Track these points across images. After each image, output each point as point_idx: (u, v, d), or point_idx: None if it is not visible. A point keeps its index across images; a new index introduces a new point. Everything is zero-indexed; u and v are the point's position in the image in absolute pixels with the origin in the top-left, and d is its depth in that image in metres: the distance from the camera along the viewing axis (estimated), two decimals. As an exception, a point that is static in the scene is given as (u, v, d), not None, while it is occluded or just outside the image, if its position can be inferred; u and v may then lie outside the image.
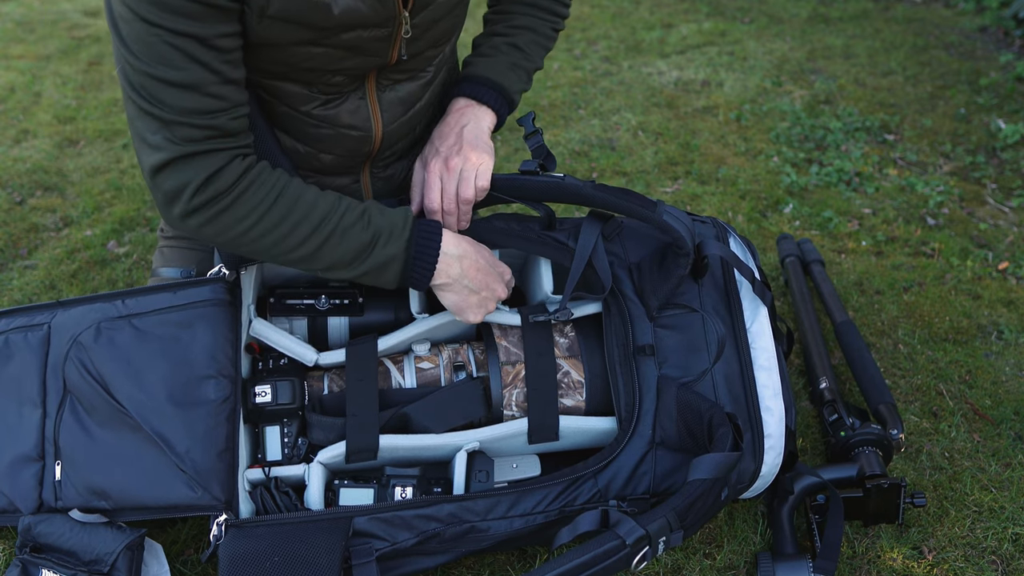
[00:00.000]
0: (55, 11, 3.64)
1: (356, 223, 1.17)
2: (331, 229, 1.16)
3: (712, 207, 2.20)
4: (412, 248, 1.20)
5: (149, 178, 1.11)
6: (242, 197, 1.12)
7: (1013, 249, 2.05)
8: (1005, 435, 1.54)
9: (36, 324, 1.31)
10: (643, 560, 1.06)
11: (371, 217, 1.18)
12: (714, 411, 1.19)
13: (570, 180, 1.29)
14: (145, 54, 1.03)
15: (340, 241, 1.16)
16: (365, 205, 1.20)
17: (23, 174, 2.36)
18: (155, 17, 1.01)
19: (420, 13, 1.18)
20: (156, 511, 1.23)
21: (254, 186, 1.13)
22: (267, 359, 1.31)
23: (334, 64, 1.18)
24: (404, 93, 1.31)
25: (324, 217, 1.16)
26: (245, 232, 1.14)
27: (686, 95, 2.85)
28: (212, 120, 1.08)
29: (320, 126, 1.27)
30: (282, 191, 1.15)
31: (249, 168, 1.13)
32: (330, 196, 1.18)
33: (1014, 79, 2.86)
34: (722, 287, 1.31)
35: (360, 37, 1.15)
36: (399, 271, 1.20)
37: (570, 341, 1.33)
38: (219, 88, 1.07)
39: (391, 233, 1.18)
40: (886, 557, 1.32)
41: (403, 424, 1.27)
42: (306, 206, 1.16)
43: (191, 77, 1.05)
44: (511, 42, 1.41)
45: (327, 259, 1.18)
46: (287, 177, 1.17)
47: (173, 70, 1.04)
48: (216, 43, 1.05)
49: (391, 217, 1.20)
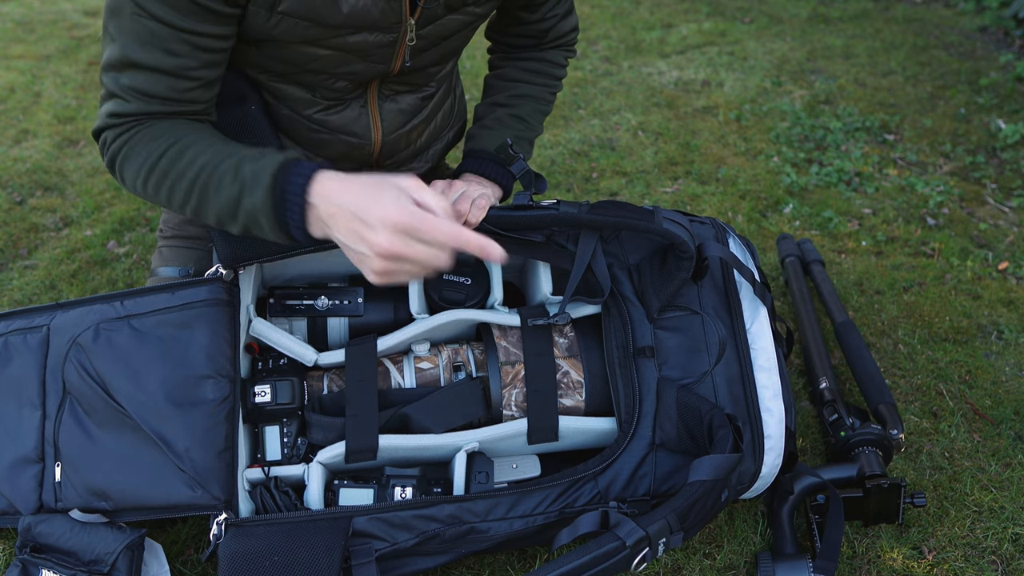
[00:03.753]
0: (55, 11, 3.64)
1: (227, 172, 1.07)
2: (205, 182, 1.08)
3: (712, 207, 2.20)
4: (279, 195, 1.02)
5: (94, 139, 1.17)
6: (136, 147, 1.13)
7: (1013, 249, 2.05)
8: (1005, 435, 1.54)
9: (35, 326, 1.31)
10: (643, 561, 1.06)
11: (242, 167, 1.06)
12: (714, 412, 1.19)
13: (565, 208, 1.29)
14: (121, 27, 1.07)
15: (216, 193, 1.07)
16: (244, 154, 1.08)
17: (23, 174, 2.36)
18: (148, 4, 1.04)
19: (427, 26, 1.19)
20: (156, 511, 1.23)
21: (148, 135, 1.12)
22: (267, 359, 1.31)
23: (338, 67, 1.19)
24: (405, 105, 1.32)
25: (203, 167, 1.08)
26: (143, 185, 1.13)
27: (686, 95, 2.85)
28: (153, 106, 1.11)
29: (320, 131, 1.28)
30: (175, 142, 1.11)
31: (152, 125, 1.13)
32: (215, 148, 1.10)
33: (1014, 79, 2.86)
34: (722, 288, 1.31)
35: (366, 40, 1.15)
36: (272, 222, 1.04)
37: (569, 341, 1.33)
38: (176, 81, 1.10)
39: (255, 181, 1.04)
40: (886, 557, 1.32)
41: (403, 424, 1.28)
42: (192, 156, 1.10)
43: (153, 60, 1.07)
44: (514, 113, 1.43)
45: (211, 212, 1.09)
46: (189, 129, 1.13)
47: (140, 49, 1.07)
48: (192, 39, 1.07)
49: (262, 164, 1.04)
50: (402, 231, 0.95)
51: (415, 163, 1.45)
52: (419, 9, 1.16)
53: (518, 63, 1.48)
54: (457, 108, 1.54)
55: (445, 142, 1.52)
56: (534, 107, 1.46)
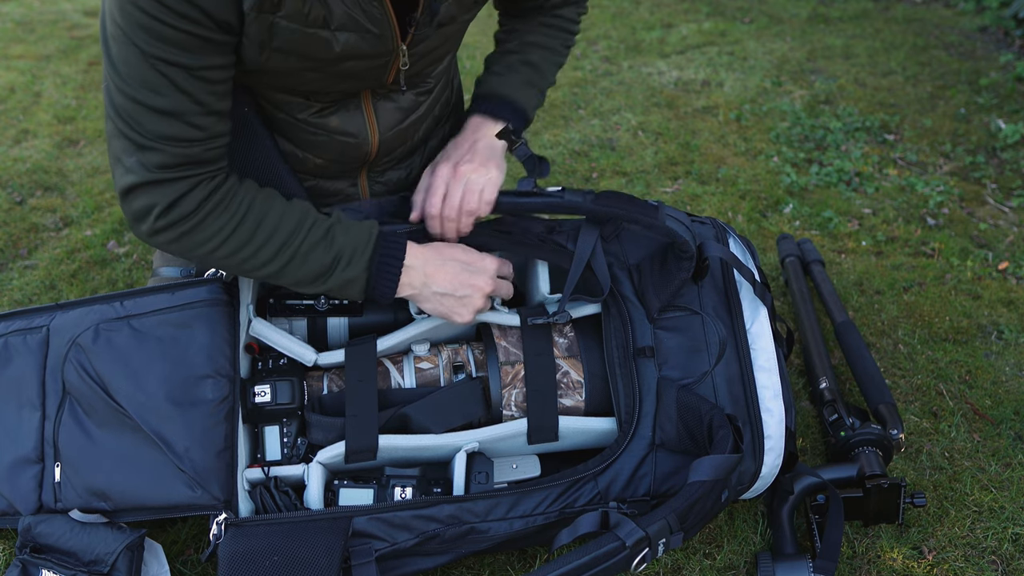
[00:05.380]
0: (55, 11, 3.64)
1: (319, 244, 1.18)
2: (294, 251, 1.17)
3: (712, 207, 2.20)
4: (373, 267, 1.20)
5: (120, 197, 1.13)
6: (205, 221, 1.13)
7: (1013, 249, 2.05)
8: (1005, 435, 1.54)
9: (35, 327, 1.31)
10: (643, 562, 1.06)
11: (334, 237, 1.19)
12: (714, 413, 1.19)
13: (569, 195, 1.28)
14: (132, 77, 1.04)
15: (303, 262, 1.18)
16: (330, 223, 1.20)
17: (23, 174, 2.36)
18: (146, 44, 1.01)
19: (418, 46, 1.19)
20: (156, 511, 1.23)
21: (218, 210, 1.13)
22: (266, 359, 1.31)
23: (330, 87, 1.20)
24: (402, 103, 1.32)
25: (287, 239, 1.17)
26: (211, 252, 1.15)
27: (686, 95, 2.85)
28: (187, 149, 1.09)
29: (316, 132, 1.27)
30: (246, 213, 1.15)
31: (215, 191, 1.13)
32: (295, 214, 1.18)
33: (1014, 79, 2.86)
34: (722, 288, 1.31)
35: (358, 66, 1.16)
36: (362, 288, 1.21)
37: (569, 341, 1.33)
38: (200, 119, 1.08)
39: (353, 254, 1.19)
40: (886, 557, 1.32)
41: (403, 424, 1.27)
42: (269, 228, 1.16)
43: (173, 105, 1.05)
44: (524, 59, 1.41)
45: (292, 277, 1.19)
46: (254, 194, 1.16)
47: (157, 96, 1.05)
48: (204, 74, 1.05)
49: (355, 236, 1.20)
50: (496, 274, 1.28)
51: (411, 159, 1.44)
52: (410, 35, 1.16)
53: (528, 21, 1.45)
54: (455, 98, 1.52)
55: (441, 136, 1.49)
56: (546, 56, 1.44)
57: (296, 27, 1.07)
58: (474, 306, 1.26)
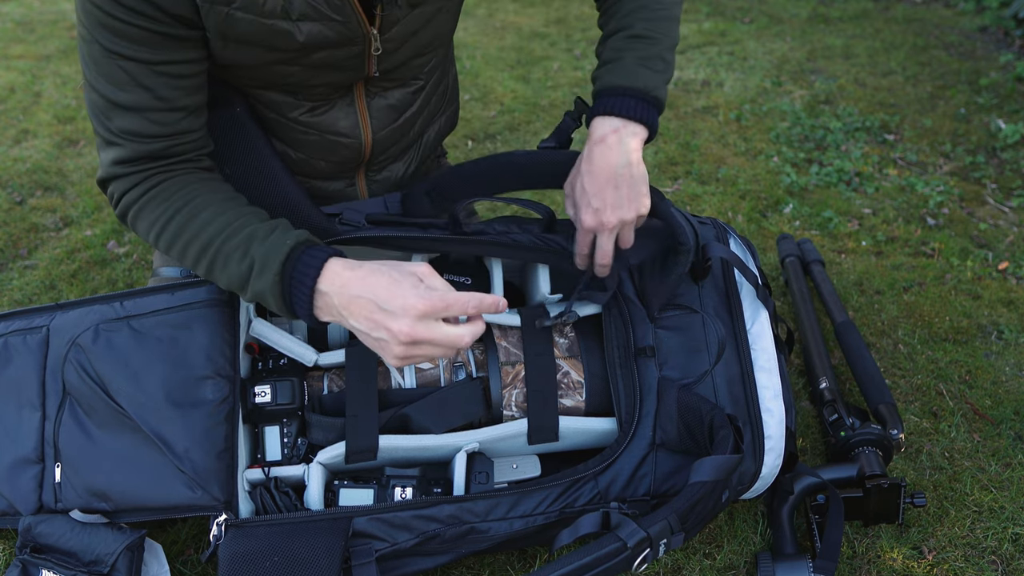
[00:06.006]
0: (55, 11, 3.64)
1: (236, 249, 1.09)
2: (214, 253, 1.11)
3: (712, 207, 2.20)
4: (286, 284, 1.06)
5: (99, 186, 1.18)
6: (144, 209, 1.14)
7: (1013, 249, 2.05)
8: (1005, 435, 1.54)
9: (35, 327, 1.31)
10: (644, 562, 1.06)
11: (251, 246, 1.09)
12: (715, 413, 1.19)
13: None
14: (98, 74, 1.07)
15: (224, 267, 1.11)
16: (253, 230, 1.10)
17: (23, 174, 2.36)
18: (107, 41, 1.04)
19: (391, 29, 1.17)
20: (156, 512, 1.23)
21: (157, 199, 1.14)
22: (267, 359, 1.31)
23: (313, 80, 1.19)
24: (394, 100, 1.30)
25: (211, 239, 1.11)
26: (155, 244, 1.16)
27: (686, 95, 2.84)
28: (149, 145, 1.10)
29: (308, 132, 1.27)
30: (183, 207, 1.13)
31: (164, 179, 1.14)
32: (224, 218, 1.11)
33: (1014, 79, 2.86)
34: (722, 288, 1.31)
35: (332, 55, 1.15)
36: (279, 304, 1.08)
37: (569, 341, 1.33)
38: (162, 115, 1.09)
39: (264, 265, 1.07)
40: (886, 557, 1.32)
41: (403, 424, 1.27)
42: (199, 225, 1.12)
43: (134, 100, 1.07)
44: (630, 34, 1.23)
45: (220, 280, 1.13)
46: (200, 190, 1.14)
47: (119, 91, 1.07)
48: (166, 69, 1.07)
49: (271, 247, 1.07)
50: (424, 316, 1.00)
51: (407, 156, 1.43)
52: (378, 18, 1.15)
53: None
54: (451, 90, 1.49)
55: (437, 128, 1.47)
56: (649, 16, 1.24)
57: (253, 18, 1.06)
58: (392, 352, 1.03)
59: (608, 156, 1.17)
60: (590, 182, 1.18)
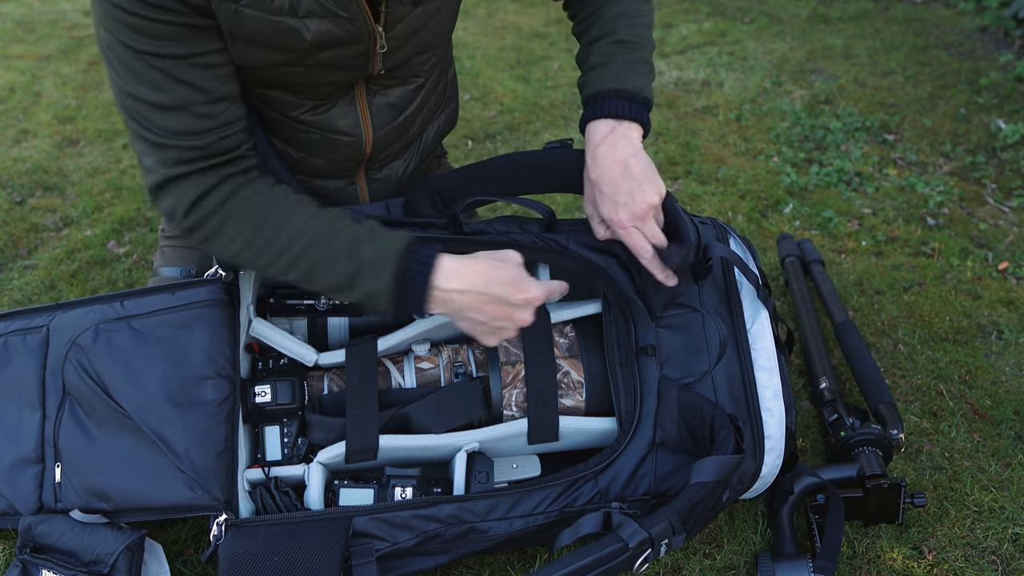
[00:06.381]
0: (55, 11, 3.64)
1: (339, 253, 1.11)
2: (314, 259, 1.12)
3: (712, 207, 2.20)
4: (399, 283, 1.10)
5: (150, 198, 1.14)
6: (228, 222, 1.12)
7: (1013, 249, 2.05)
8: (1005, 435, 1.54)
9: (35, 327, 1.31)
10: (645, 562, 1.06)
11: (358, 247, 1.11)
12: (716, 413, 1.19)
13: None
14: (131, 77, 1.05)
15: (326, 273, 1.12)
16: (355, 232, 1.12)
17: (23, 174, 2.36)
18: (133, 41, 1.02)
19: (395, 27, 1.17)
20: (156, 512, 1.23)
21: (240, 210, 1.12)
22: (267, 359, 1.31)
23: (317, 79, 1.19)
24: (394, 98, 1.31)
25: (308, 246, 1.12)
26: (238, 254, 1.14)
27: (686, 95, 2.85)
28: (200, 140, 1.08)
29: (310, 131, 1.27)
30: (270, 216, 1.13)
31: (238, 190, 1.12)
32: (321, 221, 1.13)
33: (1014, 79, 2.86)
34: (722, 288, 1.31)
35: (338, 55, 1.15)
36: (389, 303, 1.12)
37: (570, 341, 1.33)
38: (207, 107, 1.08)
39: (375, 267, 1.10)
40: (886, 557, 1.32)
41: (403, 424, 1.27)
42: (292, 233, 1.12)
43: (176, 98, 1.06)
44: (615, 40, 1.28)
45: (318, 285, 1.15)
46: (281, 199, 1.14)
47: (159, 92, 1.05)
48: (199, 61, 1.06)
49: (380, 248, 1.11)
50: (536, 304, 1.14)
51: (407, 154, 1.43)
52: (383, 15, 1.15)
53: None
54: (450, 89, 1.49)
55: (436, 125, 1.47)
56: (632, 23, 1.29)
57: (260, 15, 1.06)
58: (505, 336, 1.18)
59: (614, 152, 1.21)
60: (606, 182, 1.21)
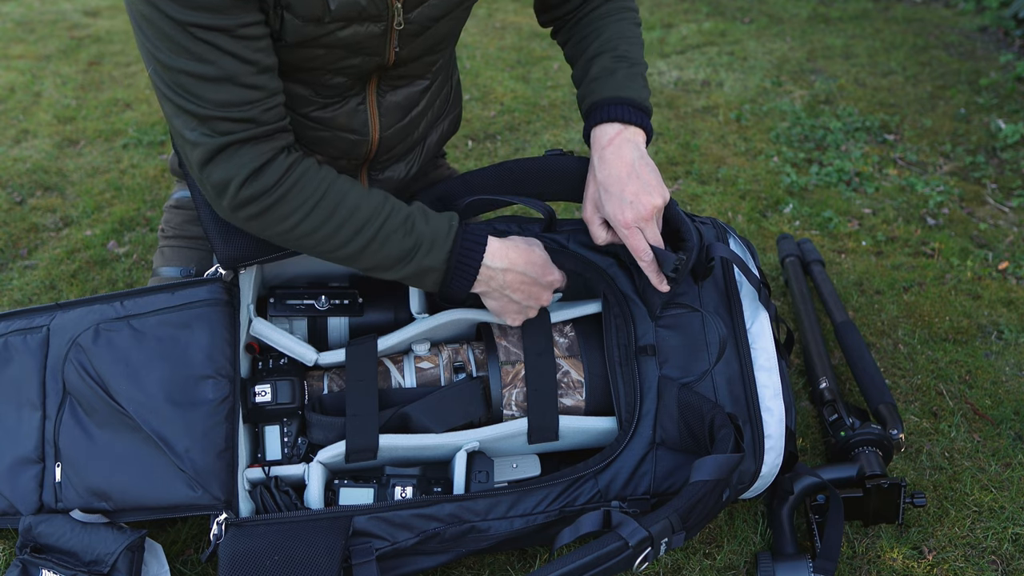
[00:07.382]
0: (55, 11, 3.64)
1: (398, 229, 1.17)
2: (373, 233, 1.17)
3: (712, 207, 2.20)
4: (453, 259, 1.20)
5: (197, 172, 1.12)
6: (288, 195, 1.13)
7: (1013, 249, 2.05)
8: (1005, 435, 1.54)
9: (35, 327, 1.31)
10: (645, 561, 1.06)
11: (414, 223, 1.18)
12: (715, 412, 1.19)
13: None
14: (176, 51, 1.04)
15: (382, 246, 1.17)
16: (410, 210, 1.19)
17: (23, 174, 2.36)
18: (180, 14, 1.02)
19: (415, 9, 1.18)
20: (156, 511, 1.23)
21: (299, 184, 1.14)
22: (267, 359, 1.31)
23: (335, 63, 1.19)
24: (402, 98, 1.31)
25: (367, 220, 1.16)
26: (291, 230, 1.15)
27: (686, 95, 2.85)
28: (249, 112, 1.09)
29: (318, 129, 1.27)
30: (327, 191, 1.15)
31: (294, 164, 1.14)
32: (376, 197, 1.18)
33: (1014, 79, 2.86)
34: (722, 288, 1.31)
35: (357, 33, 1.15)
36: (438, 280, 1.21)
37: (569, 341, 1.33)
38: (255, 78, 1.08)
39: (433, 243, 1.19)
40: (886, 557, 1.32)
41: (403, 424, 1.28)
42: (350, 207, 1.16)
43: (224, 70, 1.05)
44: (615, 55, 1.33)
45: (370, 261, 1.19)
46: (333, 175, 1.17)
47: (205, 64, 1.05)
48: (244, 32, 1.05)
49: (435, 225, 1.19)
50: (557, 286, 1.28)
51: (409, 157, 1.44)
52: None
53: (582, 22, 1.38)
54: (454, 94, 1.51)
55: (440, 131, 1.49)
56: (630, 43, 1.34)
57: None
58: (528, 315, 1.28)
59: (621, 154, 1.24)
60: (613, 183, 1.23)
